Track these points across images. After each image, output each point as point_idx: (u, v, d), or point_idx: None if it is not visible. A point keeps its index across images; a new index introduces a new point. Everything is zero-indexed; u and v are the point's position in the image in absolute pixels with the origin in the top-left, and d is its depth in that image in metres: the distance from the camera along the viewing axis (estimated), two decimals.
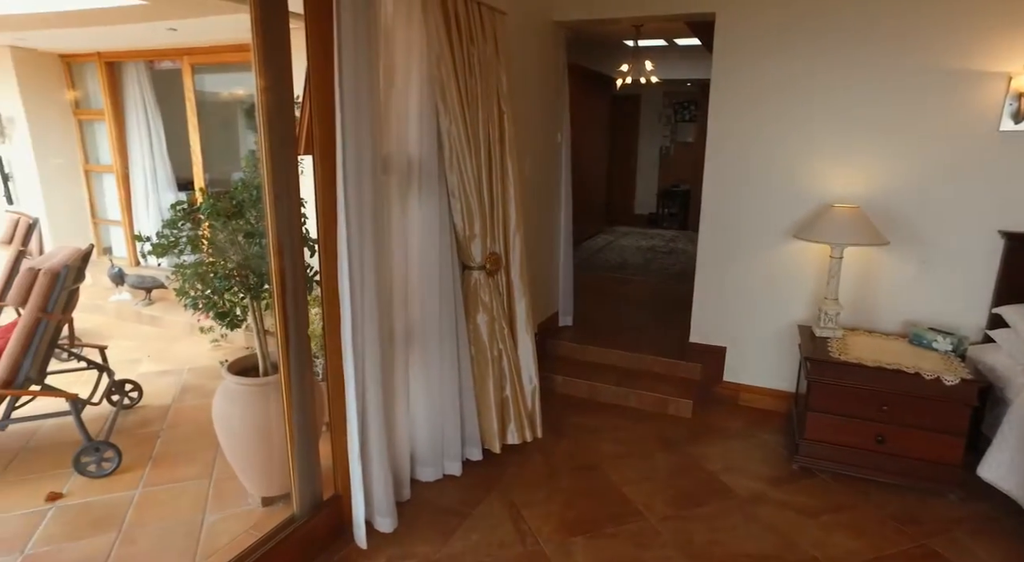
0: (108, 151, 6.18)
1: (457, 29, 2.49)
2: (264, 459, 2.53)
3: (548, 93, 4.02)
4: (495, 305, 2.88)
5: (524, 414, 3.03)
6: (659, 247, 7.82)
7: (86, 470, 2.84)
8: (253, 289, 2.43)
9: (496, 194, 2.85)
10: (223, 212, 2.33)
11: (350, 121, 2.06)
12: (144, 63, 5.95)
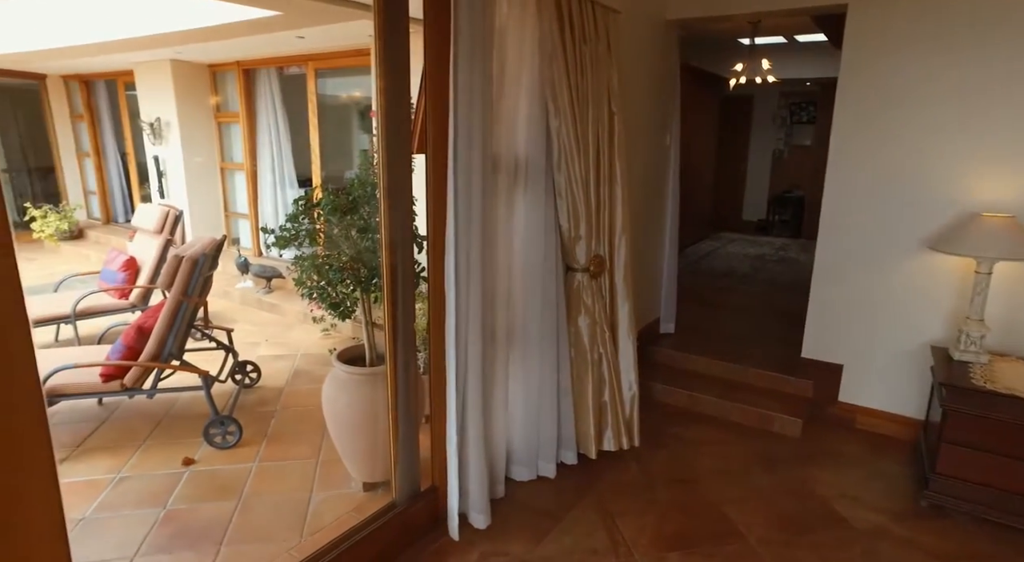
0: (240, 150, 6.74)
1: (570, 28, 2.47)
2: (367, 446, 2.64)
3: (659, 93, 3.91)
4: (597, 308, 2.84)
5: (622, 421, 2.97)
6: (768, 255, 7.41)
7: (213, 441, 3.10)
8: (364, 282, 2.55)
9: (603, 196, 2.81)
10: (339, 208, 2.46)
11: (463, 121, 2.11)
12: (275, 69, 6.44)
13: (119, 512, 2.62)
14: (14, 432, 1.22)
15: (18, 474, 1.24)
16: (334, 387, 2.63)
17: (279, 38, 4.98)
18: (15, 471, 1.23)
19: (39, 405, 1.25)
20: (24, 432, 1.23)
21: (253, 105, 6.56)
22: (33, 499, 1.26)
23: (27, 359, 1.22)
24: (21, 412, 1.22)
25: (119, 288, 4.41)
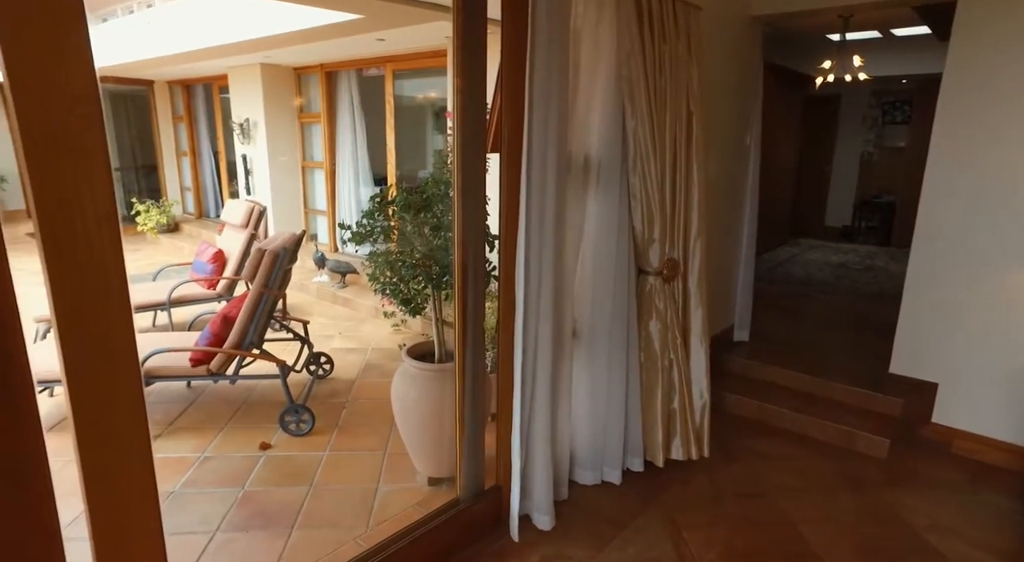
0: (321, 149, 7.01)
1: (650, 26, 2.41)
2: (434, 441, 2.68)
3: (739, 93, 3.77)
4: (669, 313, 2.76)
5: (691, 429, 2.87)
6: (853, 263, 7.00)
7: (288, 428, 3.23)
8: (435, 279, 2.58)
9: (679, 198, 2.73)
10: (413, 205, 2.50)
11: (538, 121, 2.10)
12: (354, 71, 6.66)
13: (203, 489, 2.78)
14: (116, 408, 1.31)
15: (119, 447, 1.33)
16: (403, 381, 2.69)
17: (360, 41, 5.14)
18: (117, 445, 1.33)
19: (138, 385, 1.34)
20: (125, 409, 1.32)
21: (334, 106, 6.81)
22: (131, 471, 1.36)
23: (129, 342, 1.30)
24: (123, 391, 1.31)
25: (208, 279, 4.68)
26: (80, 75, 1.17)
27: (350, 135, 6.72)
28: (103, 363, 1.28)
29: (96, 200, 1.23)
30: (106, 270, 1.26)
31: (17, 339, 1.20)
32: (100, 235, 1.25)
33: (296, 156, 7.34)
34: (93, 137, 1.21)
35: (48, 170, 1.16)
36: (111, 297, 1.27)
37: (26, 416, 1.22)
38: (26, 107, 1.12)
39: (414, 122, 7.42)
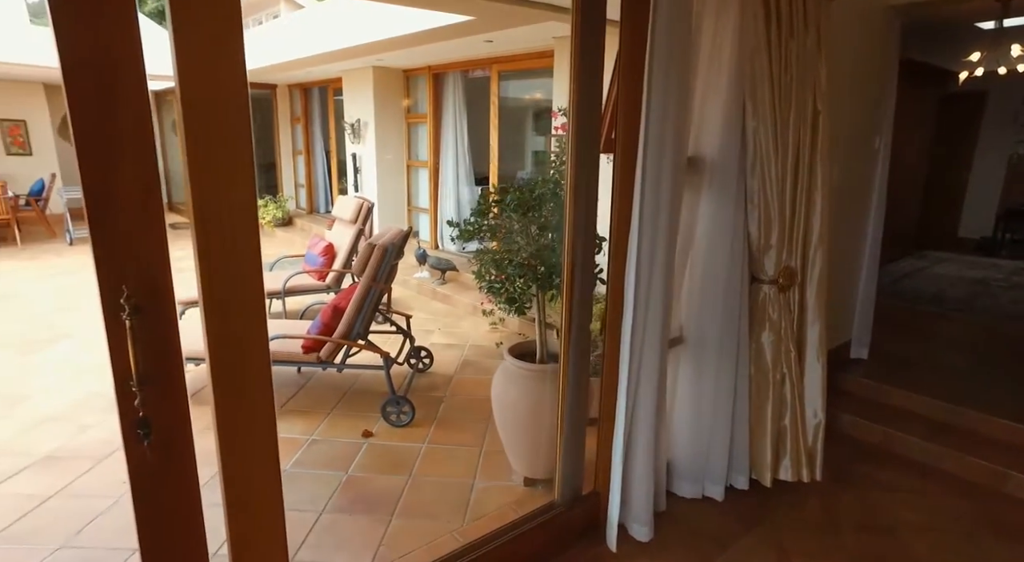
0: (425, 149, 7.23)
1: (777, 21, 2.28)
2: (532, 442, 2.67)
3: (870, 90, 3.48)
4: (784, 324, 2.60)
5: (803, 450, 2.69)
6: (995, 280, 6.31)
7: (389, 418, 3.34)
8: (540, 279, 2.57)
9: (799, 202, 2.56)
10: (522, 205, 2.50)
11: (655, 122, 2.03)
12: (460, 73, 6.81)
13: (310, 469, 2.93)
14: (249, 385, 1.40)
15: (250, 421, 1.42)
16: (504, 380, 2.70)
17: (468, 43, 5.25)
18: (248, 418, 1.42)
19: (267, 365, 1.42)
20: (256, 386, 1.41)
21: (440, 106, 7.01)
22: (259, 444, 1.45)
23: (262, 325, 1.39)
24: (255, 369, 1.40)
25: (319, 270, 4.94)
26: (235, 77, 1.25)
27: (453, 135, 6.88)
28: (241, 343, 1.37)
29: (240, 192, 1.32)
30: (246, 258, 1.35)
31: (173, 320, 1.30)
32: (243, 225, 1.33)
33: (402, 155, 7.61)
34: (242, 133, 1.29)
35: (205, 164, 1.25)
36: (249, 283, 1.36)
37: (177, 387, 1.33)
38: (191, 105, 1.21)
39: (513, 123, 7.49)
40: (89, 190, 1.17)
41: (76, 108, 1.12)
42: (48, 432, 3.28)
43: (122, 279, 1.23)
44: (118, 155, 1.17)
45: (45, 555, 2.34)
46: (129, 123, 1.17)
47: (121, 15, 1.12)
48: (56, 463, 2.98)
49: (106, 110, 1.15)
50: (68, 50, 1.08)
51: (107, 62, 1.12)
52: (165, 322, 1.29)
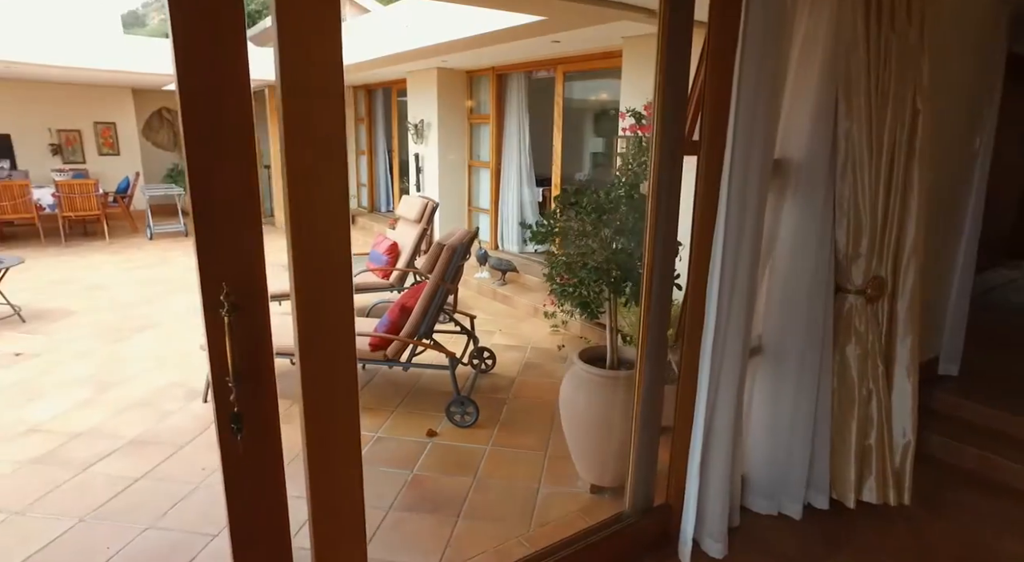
0: (487, 150, 7.26)
1: (877, 15, 2.15)
2: (600, 449, 2.62)
3: (972, 87, 3.26)
4: (871, 338, 2.45)
5: (889, 471, 2.53)
6: None
7: (453, 418, 3.35)
8: (614, 284, 2.52)
9: (892, 209, 2.41)
10: (599, 207, 2.45)
11: (743, 123, 1.95)
12: (524, 74, 6.80)
13: (377, 467, 2.97)
14: (336, 380, 1.41)
15: (336, 417, 1.44)
16: (573, 385, 2.66)
17: (535, 43, 5.23)
18: (334, 414, 1.44)
19: (353, 360, 1.44)
20: (342, 381, 1.43)
21: (502, 107, 7.02)
22: (343, 439, 1.47)
23: (349, 321, 1.40)
24: (342, 364, 1.41)
25: (383, 269, 5.03)
26: (333, 75, 1.26)
27: (516, 136, 6.88)
28: (330, 339, 1.39)
29: (334, 190, 1.33)
30: (338, 256, 1.36)
31: (266, 318, 1.33)
32: (336, 223, 1.34)
33: (464, 155, 7.67)
34: (338, 133, 1.30)
35: (301, 163, 1.27)
36: (340, 280, 1.37)
37: (268, 383, 1.36)
38: (291, 103, 1.23)
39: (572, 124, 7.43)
40: (196, 192, 1.20)
41: (188, 115, 1.16)
42: (134, 417, 3.45)
43: (222, 277, 1.26)
44: (222, 160, 1.20)
45: (135, 534, 2.45)
46: (233, 131, 1.20)
47: (232, 26, 1.14)
48: (142, 447, 3.13)
49: (213, 117, 1.18)
50: (184, 62, 1.12)
51: (216, 71, 1.15)
52: (259, 319, 1.32)
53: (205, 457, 3.03)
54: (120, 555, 2.34)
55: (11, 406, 3.58)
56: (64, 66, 7.72)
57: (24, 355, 4.38)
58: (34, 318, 5.23)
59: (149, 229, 9.34)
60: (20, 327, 5.00)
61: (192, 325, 5.11)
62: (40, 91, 10.39)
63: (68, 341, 4.68)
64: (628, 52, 4.84)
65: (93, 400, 3.68)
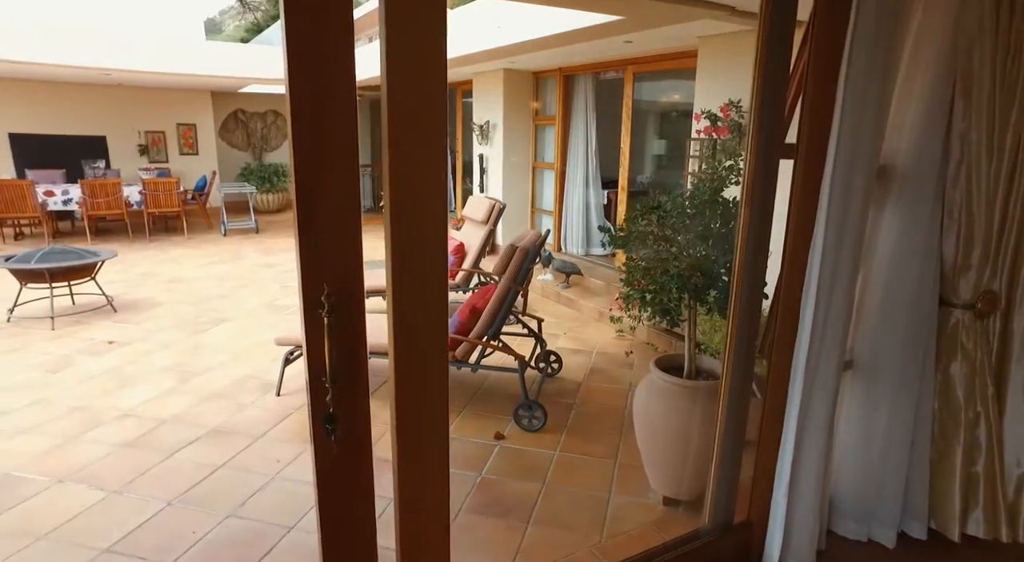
0: (552, 151, 7.21)
1: (1010, 4, 1.98)
2: (675, 461, 2.53)
3: None
4: (980, 356, 2.27)
5: (1001, 504, 2.33)
6: None
7: (520, 422, 3.33)
8: (696, 291, 2.43)
9: (1012, 216, 2.22)
10: (683, 212, 2.37)
11: (849, 124, 1.83)
12: (592, 75, 6.72)
13: None
14: (429, 379, 1.41)
15: (426, 418, 1.44)
16: (650, 394, 2.58)
17: (605, 44, 5.15)
18: (425, 415, 1.44)
19: (445, 364, 1.43)
20: (433, 382, 1.42)
21: (569, 109, 6.96)
22: (432, 440, 1.46)
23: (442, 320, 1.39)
24: (433, 364, 1.40)
25: (449, 269, 5.06)
26: (437, 74, 1.26)
27: (583, 137, 6.81)
28: (424, 340, 1.38)
29: (434, 190, 1.32)
30: (435, 256, 1.35)
31: (362, 319, 1.33)
32: (433, 222, 1.33)
33: (528, 157, 7.65)
34: (439, 134, 1.29)
35: (405, 162, 1.27)
36: (436, 280, 1.37)
37: (362, 385, 1.36)
38: (397, 101, 1.23)
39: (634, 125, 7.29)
40: (301, 193, 1.21)
41: (297, 116, 1.17)
42: (214, 407, 3.59)
43: (323, 278, 1.26)
44: (328, 161, 1.21)
45: (217, 521, 2.54)
46: (339, 132, 1.20)
47: (341, 26, 1.15)
48: (221, 436, 3.25)
49: (321, 118, 1.19)
50: (295, 63, 1.13)
51: (324, 72, 1.16)
52: (356, 320, 1.32)
53: (279, 450, 3.12)
54: (205, 540, 2.43)
55: (106, 392, 3.79)
56: (155, 71, 8.16)
57: (116, 343, 4.64)
58: (124, 308, 5.54)
59: (223, 225, 9.76)
60: (112, 316, 5.31)
61: (263, 320, 5.28)
62: (131, 95, 11.05)
63: (154, 331, 4.93)
64: (704, 52, 4.70)
65: (177, 389, 3.85)
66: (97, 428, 3.33)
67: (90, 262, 5.21)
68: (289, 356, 3.73)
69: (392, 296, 1.34)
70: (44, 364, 4.23)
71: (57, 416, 3.47)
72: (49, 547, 2.40)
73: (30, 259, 4.97)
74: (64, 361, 4.29)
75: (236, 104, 12.58)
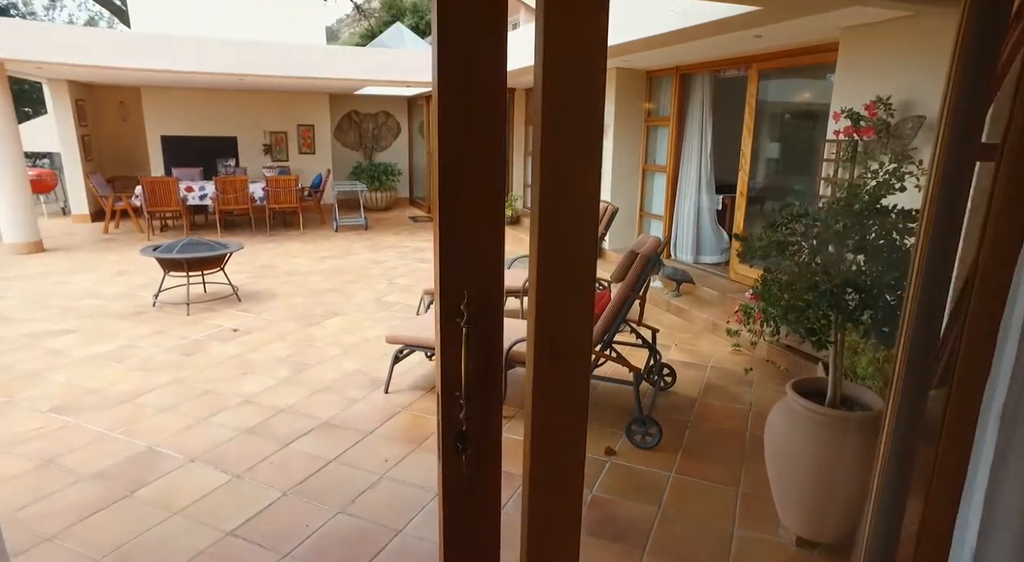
0: (664, 153, 6.92)
1: None
2: (817, 498, 2.26)
3: None
4: None
5: None
6: None
7: (633, 437, 3.14)
8: (848, 311, 2.15)
9: None
10: (839, 221, 2.11)
11: None
12: (710, 73, 6.37)
13: None
14: (570, 391, 1.29)
15: (561, 430, 1.32)
16: (785, 420, 2.33)
17: (730, 40, 4.83)
18: (560, 428, 1.32)
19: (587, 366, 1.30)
20: (575, 392, 1.30)
21: (684, 109, 6.64)
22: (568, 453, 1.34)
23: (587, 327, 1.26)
24: (578, 373, 1.28)
25: None
26: (595, 64, 1.13)
27: (698, 139, 6.47)
28: (567, 345, 1.26)
29: (587, 188, 1.19)
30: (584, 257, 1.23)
31: (499, 329, 1.23)
32: (586, 220, 1.21)
33: (638, 159, 7.40)
34: (595, 123, 1.16)
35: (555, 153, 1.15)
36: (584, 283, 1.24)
37: (496, 400, 1.26)
38: (551, 91, 1.12)
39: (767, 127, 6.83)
40: (445, 194, 1.12)
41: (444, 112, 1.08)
42: (325, 400, 3.68)
43: (464, 285, 1.17)
44: (472, 164, 1.12)
45: (329, 516, 2.56)
46: (486, 127, 1.11)
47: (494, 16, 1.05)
48: (332, 430, 3.32)
49: (467, 112, 1.10)
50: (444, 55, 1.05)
51: (472, 73, 1.08)
52: (495, 332, 1.22)
53: (387, 448, 3.13)
54: (317, 534, 2.45)
55: (231, 378, 4.00)
56: (285, 75, 8.69)
57: (239, 331, 4.92)
58: (247, 298, 5.89)
59: (335, 222, 10.23)
60: (237, 305, 5.65)
61: (372, 316, 5.42)
62: (258, 99, 11.88)
63: (272, 322, 5.19)
64: (846, 45, 4.28)
65: (291, 379, 3.99)
66: (222, 412, 3.50)
67: (221, 254, 5.57)
68: (399, 354, 3.76)
69: (535, 300, 1.22)
70: (180, 347, 4.55)
71: (190, 397, 3.69)
72: (183, 523, 2.52)
73: (172, 249, 5.39)
74: (196, 346, 4.59)
75: (350, 105, 13.18)
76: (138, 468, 2.93)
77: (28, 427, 3.32)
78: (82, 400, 3.65)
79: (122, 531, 2.47)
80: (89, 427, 3.32)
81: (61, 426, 3.33)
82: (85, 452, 3.07)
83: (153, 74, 8.59)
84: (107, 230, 9.56)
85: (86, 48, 7.70)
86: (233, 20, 10.28)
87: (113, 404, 3.60)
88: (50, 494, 2.72)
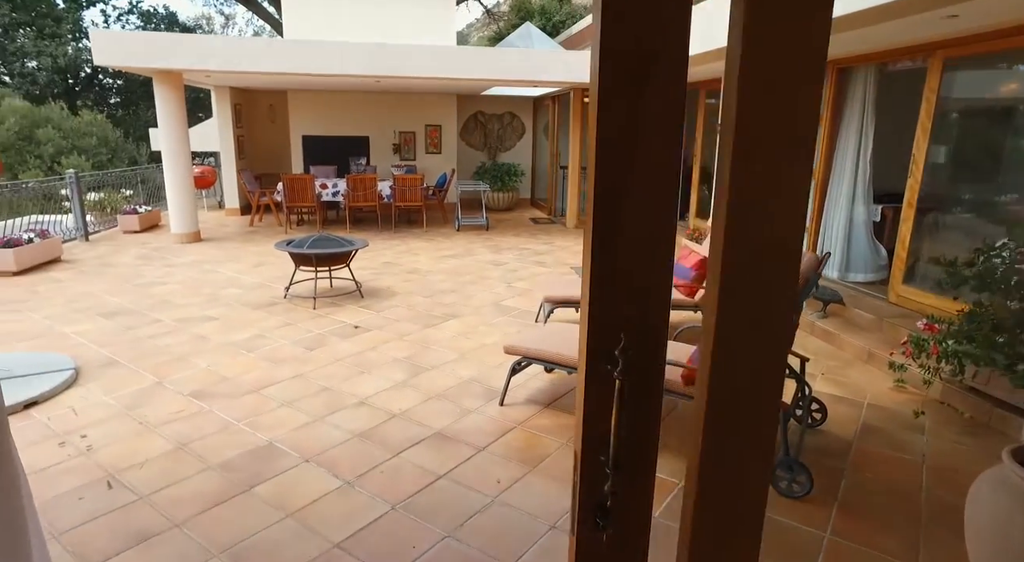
0: (815, 157, 6.20)
1: None
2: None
3: None
4: None
5: None
6: None
7: (778, 484, 2.72)
8: None
9: None
10: None
11: None
12: (875, 66, 5.60)
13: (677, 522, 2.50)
14: (751, 440, 0.99)
15: (741, 493, 1.02)
16: (1003, 497, 1.84)
17: (911, 23, 4.15)
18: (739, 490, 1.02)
19: (776, 412, 0.99)
20: (758, 444, 0.99)
21: (841, 108, 5.91)
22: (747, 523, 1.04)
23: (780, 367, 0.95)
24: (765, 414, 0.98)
25: (688, 285, 4.53)
26: (815, 62, 0.83)
27: (855, 142, 5.73)
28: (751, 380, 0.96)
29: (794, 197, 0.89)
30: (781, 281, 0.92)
31: (660, 381, 0.96)
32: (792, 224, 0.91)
33: None
34: (810, 126, 0.86)
35: (751, 162, 0.86)
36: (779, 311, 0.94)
37: (650, 464, 1.00)
38: (749, 87, 0.83)
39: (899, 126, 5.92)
40: (600, 210, 0.88)
41: (603, 94, 0.84)
42: (438, 408, 3.57)
43: (620, 325, 0.92)
44: (639, 167, 0.86)
45: (436, 540, 2.41)
46: (657, 120, 0.85)
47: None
48: (444, 442, 3.19)
49: (635, 101, 0.84)
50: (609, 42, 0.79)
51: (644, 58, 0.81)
52: (654, 385, 0.96)
53: (500, 468, 2.94)
54: (423, 558, 2.31)
55: (348, 377, 4.03)
56: (416, 76, 8.89)
57: (360, 329, 5.00)
58: (369, 295, 6.01)
59: (457, 221, 10.34)
60: (359, 302, 5.78)
61: (490, 320, 5.29)
62: (390, 100, 12.35)
63: (391, 320, 5.23)
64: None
65: (406, 382, 3.94)
66: (338, 412, 3.50)
67: (347, 250, 5.72)
68: (516, 366, 3.57)
69: (719, 310, 0.93)
70: (304, 341, 4.68)
71: (309, 394, 3.75)
72: (294, 527, 2.48)
73: (303, 245, 5.61)
74: (319, 340, 4.71)
75: (476, 106, 13.33)
76: (259, 462, 2.96)
77: (172, 409, 3.51)
78: (216, 387, 3.82)
79: (240, 528, 2.47)
80: (220, 415, 3.44)
81: (197, 411, 3.49)
82: (214, 440, 3.17)
83: (300, 78, 9.13)
84: (252, 223, 10.32)
85: (243, 56, 8.31)
86: (370, 28, 10.72)
87: (242, 393, 3.73)
88: (182, 479, 2.82)
